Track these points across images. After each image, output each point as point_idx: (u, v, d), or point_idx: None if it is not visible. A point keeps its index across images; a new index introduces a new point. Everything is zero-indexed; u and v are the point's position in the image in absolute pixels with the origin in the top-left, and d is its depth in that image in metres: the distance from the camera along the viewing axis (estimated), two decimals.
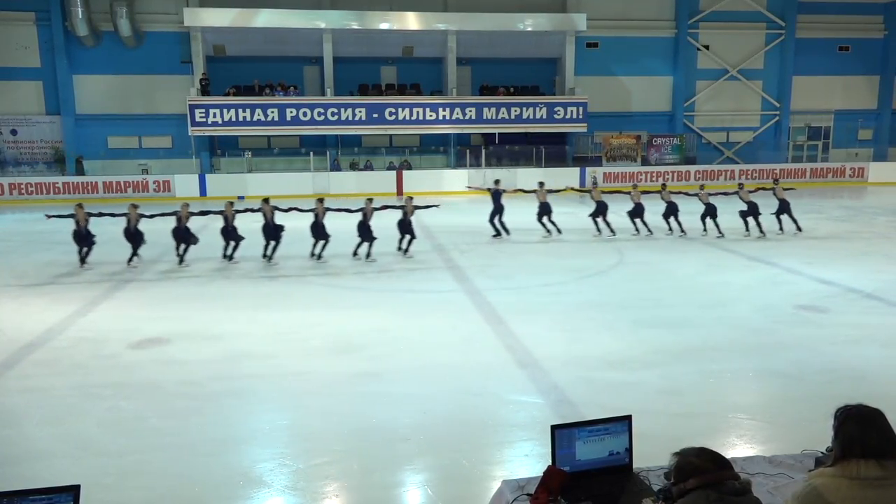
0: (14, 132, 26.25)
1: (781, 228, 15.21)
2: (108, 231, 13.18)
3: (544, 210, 15.46)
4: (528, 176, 26.38)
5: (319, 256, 13.05)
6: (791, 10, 29.11)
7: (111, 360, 7.43)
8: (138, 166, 25.96)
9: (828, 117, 30.84)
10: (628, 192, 15.87)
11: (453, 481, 4.85)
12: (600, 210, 15.30)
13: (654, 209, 15.59)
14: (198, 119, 24.96)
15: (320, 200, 13.28)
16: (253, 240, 12.98)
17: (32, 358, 7.51)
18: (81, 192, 23.80)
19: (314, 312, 9.25)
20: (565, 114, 26.81)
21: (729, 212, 15.33)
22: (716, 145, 30.12)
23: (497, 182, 16.14)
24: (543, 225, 15.57)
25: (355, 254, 13.13)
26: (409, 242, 13.44)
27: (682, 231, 15.31)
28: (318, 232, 13.03)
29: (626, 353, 7.44)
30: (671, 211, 15.30)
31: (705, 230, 15.21)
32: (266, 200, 13.12)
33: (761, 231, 14.97)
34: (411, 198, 13.84)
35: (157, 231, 13.10)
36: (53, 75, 25.82)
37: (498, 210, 15.60)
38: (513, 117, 26.65)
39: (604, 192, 15.95)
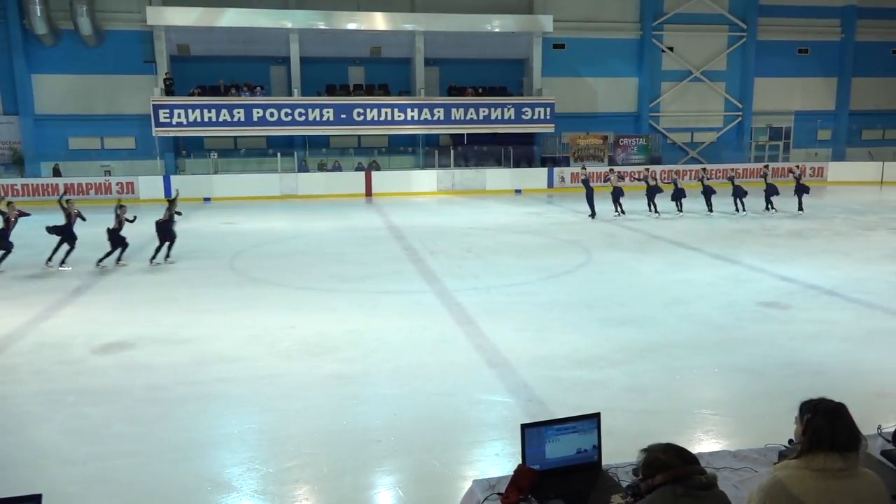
0: None
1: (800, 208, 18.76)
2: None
3: (616, 193, 18.50)
4: (496, 177, 26.60)
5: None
6: (752, 12, 29.71)
7: (75, 365, 7.28)
8: (101, 168, 25.43)
9: (788, 118, 31.56)
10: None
11: (424, 482, 4.86)
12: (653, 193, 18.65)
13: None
14: (162, 119, 24.54)
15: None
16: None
17: None
18: (42, 195, 23.24)
19: (284, 314, 9.17)
20: (533, 114, 26.98)
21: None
22: (680, 145, 30.60)
23: (584, 168, 20.89)
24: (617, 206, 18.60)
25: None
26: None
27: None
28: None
29: (592, 351, 7.53)
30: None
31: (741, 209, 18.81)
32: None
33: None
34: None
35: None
36: (11, 74, 25.12)
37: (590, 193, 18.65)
38: (481, 118, 26.74)
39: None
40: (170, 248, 12.83)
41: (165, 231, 12.72)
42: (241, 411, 6.11)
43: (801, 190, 18.86)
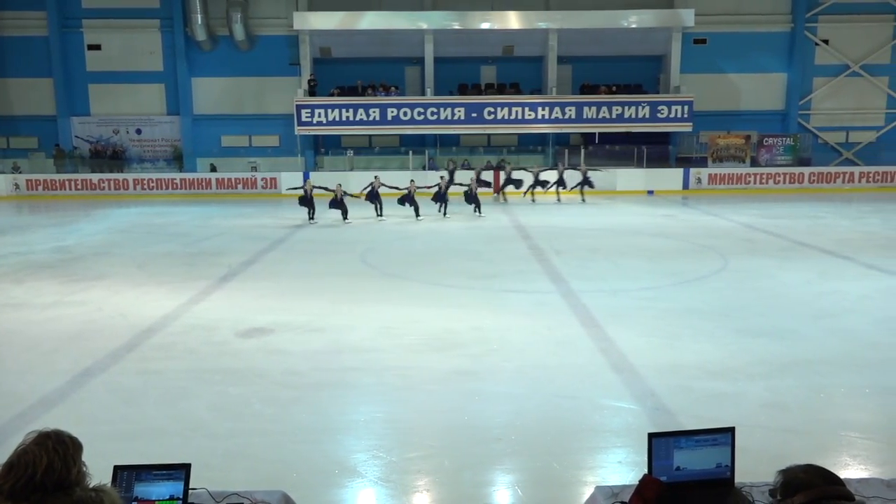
0: (139, 131, 28.24)
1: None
2: (220, 226, 13.90)
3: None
4: (628, 177, 25.85)
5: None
6: None
7: (221, 347, 7.85)
8: (248, 164, 27.30)
9: None
10: None
11: (544, 484, 4.82)
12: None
13: None
14: (304, 119, 25.95)
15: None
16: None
17: (150, 342, 8.04)
18: (195, 188, 25.27)
19: (413, 309, 9.40)
20: (669, 113, 25.99)
21: None
22: (833, 146, 28.33)
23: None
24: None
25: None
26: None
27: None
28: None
29: (727, 362, 7.13)
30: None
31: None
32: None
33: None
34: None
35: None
36: (174, 78, 27.55)
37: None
38: (614, 116, 26.09)
39: None
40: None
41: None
42: (369, 400, 6.33)
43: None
